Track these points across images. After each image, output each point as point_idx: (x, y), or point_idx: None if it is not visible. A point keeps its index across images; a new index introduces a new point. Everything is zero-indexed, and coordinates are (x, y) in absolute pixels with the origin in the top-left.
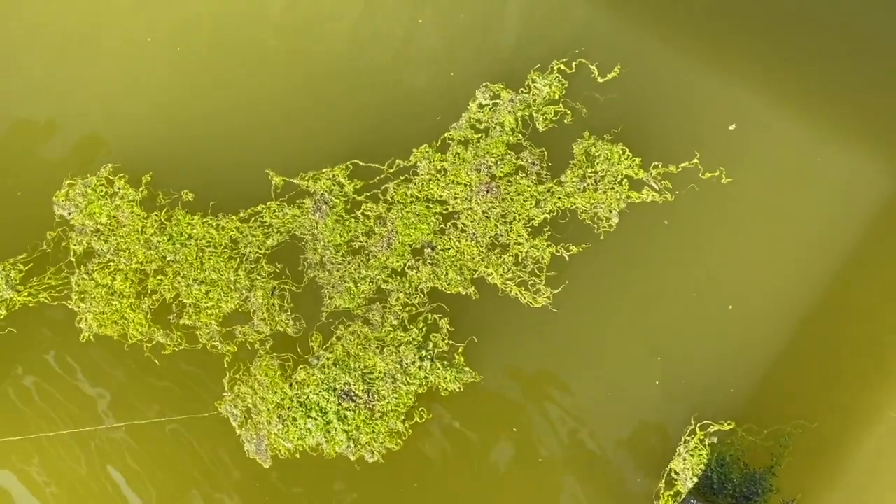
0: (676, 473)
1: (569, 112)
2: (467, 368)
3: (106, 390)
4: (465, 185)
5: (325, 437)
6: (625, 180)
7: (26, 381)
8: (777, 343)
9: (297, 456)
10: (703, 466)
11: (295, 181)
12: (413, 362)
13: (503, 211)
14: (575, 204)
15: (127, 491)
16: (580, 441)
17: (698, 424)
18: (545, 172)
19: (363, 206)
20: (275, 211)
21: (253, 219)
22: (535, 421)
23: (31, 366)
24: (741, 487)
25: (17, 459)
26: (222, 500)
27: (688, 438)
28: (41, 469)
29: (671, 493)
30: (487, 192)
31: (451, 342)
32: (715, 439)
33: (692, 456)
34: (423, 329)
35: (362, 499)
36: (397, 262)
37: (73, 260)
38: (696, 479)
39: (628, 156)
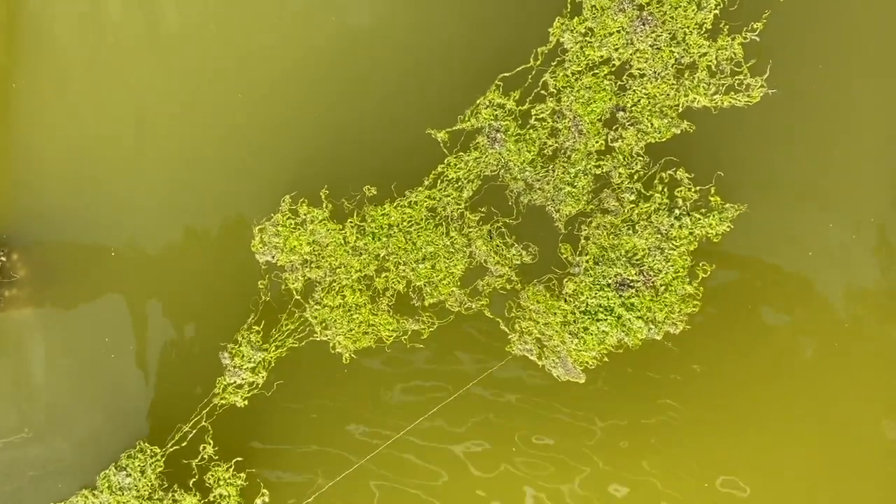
0: None
1: None
2: (727, 205)
3: (393, 392)
4: (619, 31)
5: (622, 331)
6: None
7: (328, 422)
8: None
9: (606, 360)
10: None
11: (457, 127)
12: (671, 225)
13: (670, 33)
14: None
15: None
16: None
17: None
18: None
19: (533, 112)
20: (455, 164)
21: (438, 181)
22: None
23: (312, 408)
24: None
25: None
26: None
27: None
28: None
29: None
30: (643, 24)
31: (697, 188)
32: None
33: None
34: (664, 189)
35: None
36: (596, 142)
37: (298, 297)
38: None
39: None
